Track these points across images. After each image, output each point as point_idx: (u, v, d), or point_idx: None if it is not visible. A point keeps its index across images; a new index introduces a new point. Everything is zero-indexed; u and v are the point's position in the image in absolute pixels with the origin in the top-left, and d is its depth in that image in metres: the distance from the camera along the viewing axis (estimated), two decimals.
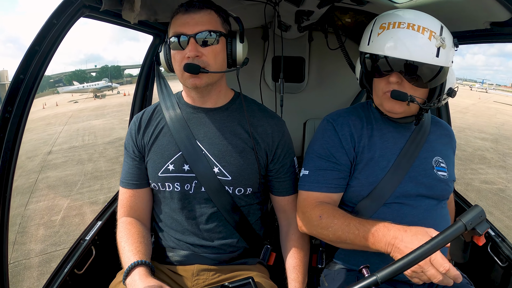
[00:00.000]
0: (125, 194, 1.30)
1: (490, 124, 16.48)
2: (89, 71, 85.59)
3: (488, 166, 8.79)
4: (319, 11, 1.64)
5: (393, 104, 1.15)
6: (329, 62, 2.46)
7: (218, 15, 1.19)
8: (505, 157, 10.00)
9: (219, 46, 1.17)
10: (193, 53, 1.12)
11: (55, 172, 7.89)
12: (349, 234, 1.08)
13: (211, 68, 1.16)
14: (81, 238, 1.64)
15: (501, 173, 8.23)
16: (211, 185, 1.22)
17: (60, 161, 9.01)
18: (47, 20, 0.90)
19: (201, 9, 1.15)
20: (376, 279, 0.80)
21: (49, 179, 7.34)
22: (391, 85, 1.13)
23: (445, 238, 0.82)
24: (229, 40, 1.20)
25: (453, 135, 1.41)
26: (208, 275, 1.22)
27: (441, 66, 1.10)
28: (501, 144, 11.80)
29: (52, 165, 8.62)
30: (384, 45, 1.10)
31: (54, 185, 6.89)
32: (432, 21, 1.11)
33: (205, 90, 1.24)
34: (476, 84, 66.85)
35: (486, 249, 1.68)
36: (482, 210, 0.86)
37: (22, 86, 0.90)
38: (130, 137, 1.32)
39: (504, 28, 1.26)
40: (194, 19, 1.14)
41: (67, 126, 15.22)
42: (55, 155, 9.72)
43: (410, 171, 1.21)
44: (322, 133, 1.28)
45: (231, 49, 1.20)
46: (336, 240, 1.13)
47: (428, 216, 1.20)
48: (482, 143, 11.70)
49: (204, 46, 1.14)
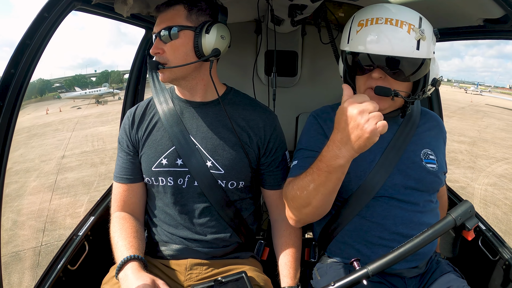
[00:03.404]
0: (118, 188, 1.31)
1: (473, 128, 17.08)
2: (89, 76, 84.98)
3: (456, 167, 9.51)
4: (312, 5, 1.64)
5: (377, 100, 1.10)
6: (322, 56, 2.43)
7: (187, 8, 1.18)
8: (476, 158, 10.75)
9: (178, 40, 1.17)
10: (154, 50, 1.18)
11: (72, 174, 8.83)
12: (308, 181, 1.06)
13: (171, 63, 1.17)
14: (74, 234, 1.62)
15: (467, 173, 9.04)
16: (204, 179, 1.23)
17: (75, 164, 9.91)
18: (38, 13, 0.88)
19: (168, 7, 1.18)
20: (367, 271, 0.81)
21: (67, 180, 8.29)
22: (374, 80, 1.13)
23: (435, 232, 0.83)
24: (197, 32, 1.17)
25: (443, 126, 1.41)
26: (201, 269, 1.24)
27: (423, 59, 1.09)
28: (477, 147, 12.45)
29: (68, 167, 9.54)
30: (364, 42, 1.09)
31: (73, 185, 7.86)
32: (410, 13, 1.10)
33: (182, 84, 1.26)
34: (471, 86, 67.03)
35: (477, 243, 1.70)
36: (471, 206, 0.87)
37: (13, 81, 0.88)
38: (124, 131, 1.32)
39: (497, 25, 1.25)
40: (161, 18, 1.19)
41: (75, 132, 15.96)
42: (69, 159, 10.57)
43: (398, 164, 1.21)
44: (308, 128, 1.32)
45: (197, 41, 1.17)
46: (307, 198, 1.08)
47: (416, 210, 1.20)
48: (458, 146, 12.22)
49: (165, 42, 1.17)
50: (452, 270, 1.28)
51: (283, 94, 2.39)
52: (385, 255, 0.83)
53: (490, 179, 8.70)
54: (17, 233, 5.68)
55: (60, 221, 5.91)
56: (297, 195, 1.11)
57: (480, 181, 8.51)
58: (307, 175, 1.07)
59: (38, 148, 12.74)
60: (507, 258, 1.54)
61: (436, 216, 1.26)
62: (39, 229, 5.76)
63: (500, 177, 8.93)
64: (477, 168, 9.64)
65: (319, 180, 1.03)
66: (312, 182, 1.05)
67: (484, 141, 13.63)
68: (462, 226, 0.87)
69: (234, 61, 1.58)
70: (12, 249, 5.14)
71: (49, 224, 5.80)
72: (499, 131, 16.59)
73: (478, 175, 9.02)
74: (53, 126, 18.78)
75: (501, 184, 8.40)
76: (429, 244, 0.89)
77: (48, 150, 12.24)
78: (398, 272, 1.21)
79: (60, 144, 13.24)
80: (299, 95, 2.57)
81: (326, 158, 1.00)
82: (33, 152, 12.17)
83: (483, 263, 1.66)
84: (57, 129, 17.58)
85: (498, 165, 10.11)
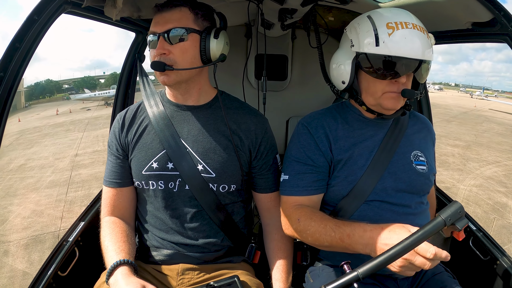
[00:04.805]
0: (108, 193, 1.29)
1: (470, 132, 17.10)
2: (97, 77, 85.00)
3: (445, 169, 9.76)
4: (302, 9, 1.65)
5: (395, 102, 1.15)
6: (312, 60, 2.42)
7: (193, 12, 1.18)
8: (467, 161, 10.91)
9: (187, 43, 1.16)
10: (159, 51, 1.14)
11: (86, 170, 9.53)
12: (326, 237, 1.07)
13: (179, 65, 1.15)
14: (64, 240, 1.60)
15: (455, 175, 9.28)
16: (195, 183, 1.22)
17: (88, 162, 10.57)
18: (28, 16, 0.87)
19: (172, 7, 1.16)
20: (357, 274, 0.81)
21: (81, 175, 9.02)
22: (397, 85, 1.13)
23: (424, 234, 0.82)
24: (203, 37, 1.18)
25: (432, 128, 1.41)
26: (193, 274, 1.23)
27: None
28: (470, 150, 12.55)
29: (81, 165, 10.23)
30: (402, 45, 1.08)
31: (87, 180, 8.59)
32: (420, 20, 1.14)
33: (182, 88, 1.24)
34: (477, 91, 66.41)
35: (468, 243, 1.70)
36: (461, 206, 0.86)
37: (2, 84, 0.87)
38: (113, 135, 1.31)
39: (485, 28, 1.26)
40: (164, 17, 1.16)
41: (86, 132, 16.37)
42: (82, 157, 11.19)
43: (389, 167, 1.21)
44: (297, 137, 1.28)
45: (205, 45, 1.18)
46: (315, 242, 1.13)
47: (408, 212, 1.20)
48: (451, 149, 12.35)
49: (172, 43, 1.15)
50: (443, 270, 1.29)
51: (273, 98, 2.44)
52: (376, 257, 0.83)
53: (477, 181, 8.95)
54: (36, 220, 6.36)
55: (76, 210, 6.62)
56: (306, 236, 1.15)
57: (467, 182, 8.74)
58: (327, 229, 1.08)
59: (51, 147, 13.38)
60: (498, 258, 1.56)
61: (427, 218, 1.27)
62: (57, 217, 6.45)
63: (487, 179, 9.17)
64: (466, 171, 9.86)
65: (335, 244, 1.07)
66: (328, 241, 1.08)
67: (479, 145, 13.70)
68: (452, 227, 0.87)
69: (224, 65, 1.48)
70: (32, 233, 5.82)
71: (66, 213, 6.53)
72: (497, 135, 16.64)
73: (466, 177, 9.24)
74: (64, 126, 19.40)
75: (487, 186, 8.62)
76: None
77: (61, 149, 12.87)
78: (390, 273, 1.20)
79: (73, 143, 13.82)
80: (289, 99, 2.59)
81: (354, 240, 1.02)
82: (47, 150, 12.81)
83: (474, 263, 1.67)
84: (69, 129, 18.15)
85: (487, 168, 10.33)
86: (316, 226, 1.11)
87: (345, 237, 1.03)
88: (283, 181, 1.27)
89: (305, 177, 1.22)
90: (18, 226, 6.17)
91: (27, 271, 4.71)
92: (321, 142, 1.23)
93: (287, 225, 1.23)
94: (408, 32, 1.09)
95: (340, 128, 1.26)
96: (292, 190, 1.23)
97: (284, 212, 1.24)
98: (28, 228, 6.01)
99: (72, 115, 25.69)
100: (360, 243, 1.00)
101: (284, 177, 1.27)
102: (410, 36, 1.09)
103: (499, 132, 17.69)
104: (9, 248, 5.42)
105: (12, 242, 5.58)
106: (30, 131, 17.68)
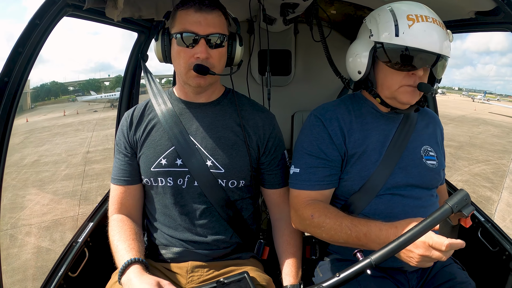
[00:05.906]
0: (116, 191, 1.30)
1: (466, 134, 17.19)
2: (102, 80, 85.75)
3: None
4: (304, 3, 1.64)
5: (411, 97, 1.15)
6: (315, 54, 2.43)
7: (225, 16, 1.21)
8: (458, 160, 11.15)
9: (224, 49, 1.20)
10: (205, 55, 1.15)
11: (98, 165, 10.17)
12: (342, 234, 1.08)
13: (216, 69, 1.19)
14: (73, 241, 1.60)
15: None
16: (204, 179, 1.23)
17: (99, 158, 11.17)
18: (30, 20, 0.88)
19: (213, 10, 1.17)
20: (370, 261, 0.82)
21: (94, 170, 9.69)
22: (414, 77, 1.13)
23: (433, 221, 0.85)
24: (230, 42, 1.23)
25: (439, 122, 1.41)
26: (203, 271, 1.24)
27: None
28: (462, 150, 12.72)
29: (94, 160, 10.85)
30: (421, 38, 1.08)
31: (100, 173, 9.27)
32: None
33: (207, 88, 1.27)
34: (478, 95, 66.24)
35: (476, 234, 1.71)
36: (467, 194, 0.89)
37: (6, 89, 0.88)
38: (121, 133, 1.31)
39: (488, 17, 1.24)
40: (207, 19, 1.15)
41: (95, 132, 16.81)
42: (93, 154, 11.79)
43: (399, 162, 1.21)
44: (310, 129, 1.26)
45: (231, 50, 1.24)
46: (329, 239, 1.14)
47: (419, 205, 1.21)
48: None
49: (212, 48, 1.17)
50: (452, 262, 1.30)
51: (277, 93, 2.42)
52: (387, 244, 0.85)
53: (463, 177, 9.32)
54: (55, 207, 7.01)
55: (92, 198, 7.31)
56: (320, 232, 1.15)
57: (453, 178, 8.98)
58: (342, 226, 1.09)
59: (62, 145, 13.99)
60: (507, 249, 1.55)
61: None
62: (75, 204, 7.12)
63: (474, 176, 9.47)
64: (454, 168, 10.10)
65: (351, 242, 1.08)
66: (344, 238, 1.09)
67: (471, 146, 13.83)
68: (459, 214, 0.89)
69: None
70: (52, 218, 6.45)
71: (83, 200, 7.21)
72: (491, 137, 16.74)
73: (453, 173, 9.47)
74: (73, 126, 19.80)
75: (473, 181, 8.93)
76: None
77: (72, 147, 13.42)
78: (400, 267, 1.21)
79: (83, 142, 14.30)
80: (294, 94, 2.58)
81: (371, 240, 1.04)
82: (59, 147, 13.41)
83: (483, 255, 1.66)
84: (78, 129, 18.55)
85: (476, 166, 10.59)
86: (331, 223, 1.12)
87: (361, 236, 1.06)
88: (293, 174, 1.26)
89: (317, 171, 1.21)
90: (38, 212, 6.76)
91: (50, 247, 5.32)
92: (335, 135, 1.22)
93: (298, 219, 1.23)
94: (428, 26, 1.10)
95: (354, 121, 1.25)
96: (304, 184, 1.23)
97: (295, 206, 1.24)
98: (48, 214, 6.64)
99: (80, 116, 26.07)
100: (376, 242, 1.03)
101: (294, 170, 1.25)
102: (429, 29, 1.10)
103: (494, 134, 17.77)
104: (31, 230, 6.01)
105: (33, 225, 6.18)
106: (40, 131, 18.13)
